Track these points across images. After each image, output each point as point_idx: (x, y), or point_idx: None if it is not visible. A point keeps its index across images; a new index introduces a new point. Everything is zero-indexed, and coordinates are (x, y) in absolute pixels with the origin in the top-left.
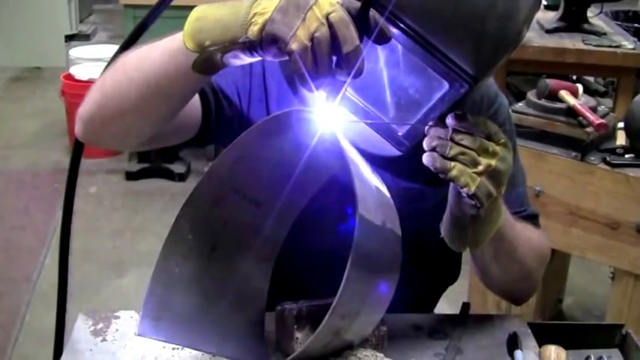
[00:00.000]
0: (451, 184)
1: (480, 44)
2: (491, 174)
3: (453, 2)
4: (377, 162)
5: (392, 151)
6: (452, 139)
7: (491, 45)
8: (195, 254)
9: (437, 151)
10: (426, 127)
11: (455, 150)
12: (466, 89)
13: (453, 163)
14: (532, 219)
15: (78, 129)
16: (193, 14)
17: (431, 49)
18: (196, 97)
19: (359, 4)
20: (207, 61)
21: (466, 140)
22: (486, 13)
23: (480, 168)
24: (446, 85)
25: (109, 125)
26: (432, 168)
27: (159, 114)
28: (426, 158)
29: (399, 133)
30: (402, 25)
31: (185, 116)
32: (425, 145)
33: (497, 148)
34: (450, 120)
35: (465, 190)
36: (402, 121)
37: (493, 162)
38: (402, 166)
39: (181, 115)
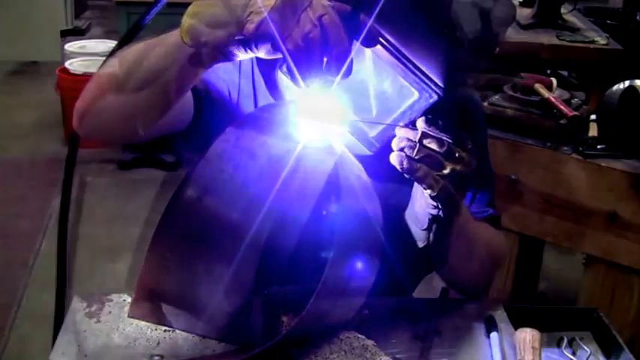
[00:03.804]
0: (415, 184)
1: (450, 58)
2: (455, 178)
3: (425, 17)
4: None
5: (362, 151)
6: (420, 142)
7: (461, 59)
8: (185, 240)
9: (405, 152)
10: (396, 128)
11: (422, 152)
12: (435, 99)
13: (419, 165)
14: (493, 221)
15: (76, 122)
16: (190, 10)
17: (403, 59)
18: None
19: (349, 8)
20: (202, 55)
21: (434, 144)
22: (459, 30)
23: (445, 172)
24: (416, 94)
25: (106, 118)
26: (398, 167)
27: (155, 107)
28: (393, 158)
29: (371, 135)
30: (380, 39)
31: (178, 109)
32: (393, 145)
33: (464, 154)
34: (420, 123)
35: (429, 191)
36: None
37: (458, 167)
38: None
39: (175, 108)
